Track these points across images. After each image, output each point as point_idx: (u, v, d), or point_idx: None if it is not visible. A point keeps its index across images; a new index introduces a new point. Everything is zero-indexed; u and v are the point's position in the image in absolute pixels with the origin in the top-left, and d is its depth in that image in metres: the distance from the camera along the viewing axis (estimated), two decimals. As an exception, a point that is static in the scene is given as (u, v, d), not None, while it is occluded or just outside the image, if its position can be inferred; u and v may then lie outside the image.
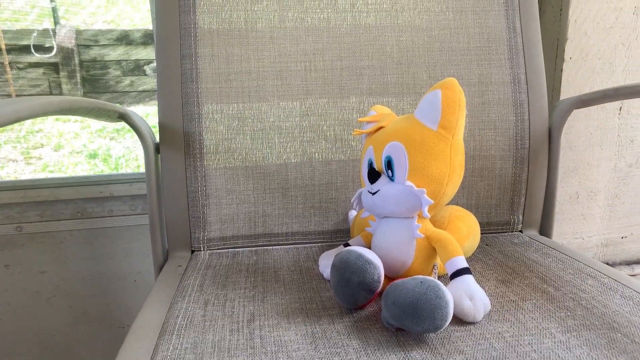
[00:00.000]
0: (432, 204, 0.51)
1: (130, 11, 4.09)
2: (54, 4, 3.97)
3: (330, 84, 0.72)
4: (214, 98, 0.70)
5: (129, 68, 3.99)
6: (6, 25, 3.86)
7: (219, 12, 0.71)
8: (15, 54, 3.72)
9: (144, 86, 3.86)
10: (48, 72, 3.81)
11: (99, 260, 0.93)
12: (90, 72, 3.93)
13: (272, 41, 0.72)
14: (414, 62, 0.73)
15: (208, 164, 0.70)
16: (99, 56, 3.89)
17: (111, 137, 3.08)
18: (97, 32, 4.04)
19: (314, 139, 0.72)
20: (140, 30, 4.09)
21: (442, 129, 0.52)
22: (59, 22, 3.95)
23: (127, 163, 2.74)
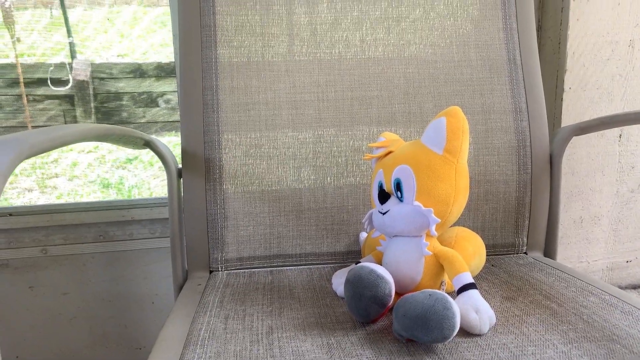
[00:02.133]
0: (439, 222, 0.55)
1: (144, 45, 4.22)
2: (71, 38, 4.11)
3: (342, 113, 0.76)
4: (233, 126, 0.75)
5: (142, 100, 4.10)
6: (24, 59, 3.99)
7: (238, 47, 0.76)
8: (32, 87, 3.84)
9: (158, 118, 3.95)
10: (63, 104, 3.92)
11: (118, 282, 0.96)
12: (104, 104, 4.04)
13: (287, 74, 0.77)
14: (420, 93, 0.78)
15: (227, 188, 0.74)
16: (114, 89, 4.01)
17: (124, 167, 3.15)
18: (111, 65, 4.16)
19: (326, 165, 0.76)
20: (153, 63, 4.21)
21: (447, 153, 0.56)
22: (75, 56, 4.07)
23: (139, 192, 2.80)
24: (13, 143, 0.36)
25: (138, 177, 2.92)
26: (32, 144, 0.37)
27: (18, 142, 0.36)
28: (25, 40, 3.69)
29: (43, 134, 0.40)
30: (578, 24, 0.94)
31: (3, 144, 0.36)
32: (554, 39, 0.97)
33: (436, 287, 0.57)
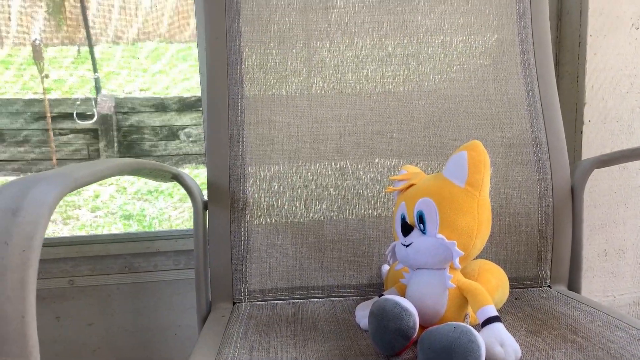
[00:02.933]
0: (462, 255, 0.55)
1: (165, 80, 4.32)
2: (97, 74, 4.23)
3: (363, 147, 0.78)
4: (258, 160, 0.77)
5: (163, 133, 4.17)
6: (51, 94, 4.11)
7: (263, 84, 0.79)
8: (58, 121, 3.94)
9: (178, 150, 4.01)
10: (87, 137, 4.00)
11: (142, 313, 0.98)
12: (128, 138, 4.12)
13: (309, 109, 0.79)
14: (440, 126, 0.79)
15: (251, 220, 0.76)
16: (136, 123, 4.09)
17: (145, 199, 3.20)
18: (134, 99, 4.27)
19: (348, 197, 0.77)
20: (174, 97, 4.30)
21: (469, 186, 0.57)
22: (100, 91, 4.19)
23: (160, 223, 2.83)
24: (58, 177, 0.38)
25: (158, 209, 2.97)
26: (75, 178, 0.39)
27: (63, 177, 0.38)
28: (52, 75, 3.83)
29: (85, 169, 0.42)
30: (596, 58, 0.95)
31: (49, 178, 0.38)
32: (572, 72, 0.98)
33: (460, 319, 0.57)
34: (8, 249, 0.32)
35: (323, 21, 0.80)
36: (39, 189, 0.36)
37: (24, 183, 0.37)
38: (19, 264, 0.32)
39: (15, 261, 0.32)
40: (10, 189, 0.36)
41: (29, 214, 0.34)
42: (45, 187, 0.36)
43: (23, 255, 0.32)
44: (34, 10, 3.88)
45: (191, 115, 3.76)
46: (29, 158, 3.61)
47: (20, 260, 0.32)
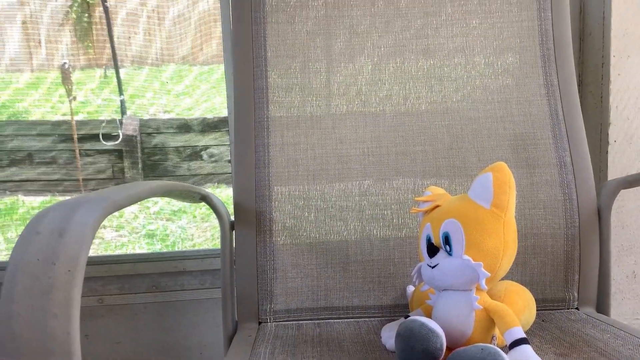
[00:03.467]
0: (489, 276, 0.56)
1: (189, 102, 4.40)
2: (122, 96, 4.33)
3: (387, 167, 0.79)
4: (283, 181, 0.78)
5: (186, 154, 4.23)
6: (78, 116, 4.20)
7: (288, 107, 0.81)
8: (84, 141, 4.03)
9: (200, 170, 4.06)
10: (112, 157, 4.09)
11: (168, 332, 0.99)
12: (151, 158, 4.19)
13: (333, 131, 0.80)
14: (464, 147, 0.80)
15: (276, 241, 0.77)
16: (160, 143, 4.16)
17: (168, 219, 3.24)
18: (159, 121, 4.35)
19: (372, 218, 0.78)
20: (197, 118, 4.37)
21: (494, 207, 0.57)
22: (125, 112, 4.28)
23: (182, 243, 2.87)
24: (99, 201, 0.40)
25: (181, 228, 3.00)
26: (114, 200, 0.41)
27: (103, 200, 0.40)
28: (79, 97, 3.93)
29: (123, 191, 0.44)
30: (620, 79, 0.95)
31: (91, 201, 0.39)
32: (596, 93, 0.98)
33: (487, 341, 0.57)
34: (55, 268, 0.34)
35: (347, 45, 0.82)
36: (82, 211, 0.38)
37: (68, 206, 0.39)
38: (65, 282, 0.34)
39: (62, 280, 0.34)
40: (56, 212, 0.38)
41: (74, 236, 0.36)
42: (88, 210, 0.38)
43: (69, 274, 0.34)
44: (62, 34, 4.01)
45: (213, 135, 3.82)
46: (56, 178, 3.69)
47: (66, 279, 0.34)
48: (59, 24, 4.14)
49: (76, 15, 4.10)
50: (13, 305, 0.33)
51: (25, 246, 0.35)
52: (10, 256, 0.35)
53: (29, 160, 3.69)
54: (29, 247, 0.35)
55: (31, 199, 3.46)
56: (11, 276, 0.34)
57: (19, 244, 0.35)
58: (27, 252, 0.35)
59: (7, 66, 4.05)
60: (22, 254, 0.34)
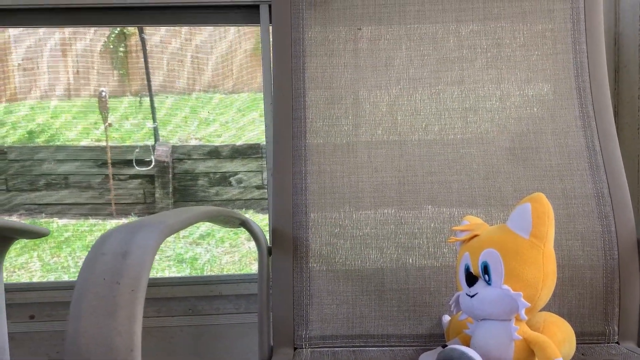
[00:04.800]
0: (528, 307, 0.56)
1: (219, 129, 4.50)
2: (156, 123, 4.45)
3: (422, 196, 0.80)
4: (319, 208, 0.80)
5: (215, 180, 4.31)
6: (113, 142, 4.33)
7: (325, 136, 0.83)
8: (118, 167, 4.14)
9: (229, 196, 4.12)
10: (145, 182, 4.18)
11: (204, 356, 1.00)
12: (182, 183, 4.28)
13: (369, 159, 0.82)
14: (500, 178, 0.80)
15: (312, 267, 0.78)
16: (190, 169, 4.25)
17: (197, 243, 3.28)
18: (190, 147, 4.45)
19: (408, 246, 0.79)
20: (227, 145, 4.46)
21: (533, 238, 0.57)
22: (158, 139, 4.40)
23: (211, 268, 2.90)
24: (157, 225, 0.42)
25: (211, 253, 3.03)
26: (169, 225, 0.44)
27: (160, 224, 0.43)
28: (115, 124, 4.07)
29: (176, 216, 0.46)
30: (656, 110, 0.95)
31: (149, 225, 0.42)
32: (632, 124, 0.98)
33: (528, 373, 0.56)
34: (119, 288, 0.36)
35: (383, 77, 0.85)
36: (143, 234, 0.40)
37: (129, 229, 0.41)
38: (128, 301, 0.36)
39: (126, 299, 0.36)
40: (118, 235, 0.40)
41: (136, 257, 0.38)
42: (148, 233, 0.40)
43: (132, 294, 0.36)
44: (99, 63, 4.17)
45: (242, 162, 3.89)
46: (90, 201, 3.79)
47: (130, 299, 0.36)
48: (96, 53, 4.31)
49: (113, 45, 4.27)
50: (80, 322, 0.35)
51: (92, 266, 0.37)
52: (78, 275, 0.37)
53: (65, 183, 3.80)
54: (95, 267, 0.37)
55: (65, 222, 3.55)
56: (79, 294, 0.36)
57: (86, 264, 0.37)
58: (93, 272, 0.37)
59: (46, 92, 4.22)
60: (89, 273, 0.37)
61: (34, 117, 4.01)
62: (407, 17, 0.85)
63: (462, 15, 0.85)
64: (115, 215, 3.61)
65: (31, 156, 3.71)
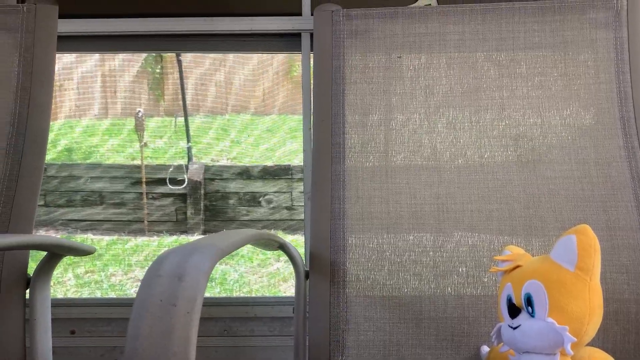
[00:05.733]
0: (575, 341, 0.55)
1: (251, 150, 4.55)
2: (190, 144, 4.54)
3: (462, 224, 0.80)
4: (357, 233, 0.80)
5: (246, 200, 4.35)
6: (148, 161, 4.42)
7: (364, 162, 0.84)
8: (152, 185, 4.23)
9: (259, 216, 4.15)
10: (177, 201, 4.25)
11: (236, 378, 1.00)
12: (213, 203, 4.33)
13: (408, 186, 0.83)
14: (541, 207, 0.79)
15: (350, 292, 0.78)
16: (221, 188, 4.31)
17: (226, 263, 3.31)
18: (222, 167, 4.51)
19: (447, 274, 0.78)
20: (258, 166, 4.51)
21: (579, 270, 0.57)
22: (191, 159, 4.48)
23: (240, 288, 2.91)
24: (209, 248, 0.43)
25: (239, 273, 3.05)
26: (221, 248, 0.45)
27: (213, 247, 0.44)
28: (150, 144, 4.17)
29: (226, 240, 0.48)
30: (703, 141, 0.92)
31: (202, 248, 0.43)
32: (677, 155, 0.96)
33: (574, 410, 0.55)
34: (175, 310, 0.37)
35: (423, 104, 0.85)
36: (197, 257, 0.41)
37: (183, 252, 0.42)
38: (184, 324, 0.37)
39: (181, 321, 0.37)
40: (173, 258, 0.41)
41: (191, 280, 0.39)
42: (202, 257, 0.42)
43: (187, 316, 0.37)
44: (136, 85, 4.30)
45: (272, 183, 3.92)
46: (124, 219, 3.87)
47: (185, 321, 0.37)
48: (134, 75, 4.45)
49: (150, 67, 4.40)
50: (138, 341, 0.36)
51: (149, 288, 0.39)
52: (136, 295, 0.38)
53: (100, 201, 3.90)
54: (152, 289, 0.38)
55: (99, 238, 3.63)
56: (137, 315, 0.37)
57: (144, 285, 0.39)
58: (151, 294, 0.38)
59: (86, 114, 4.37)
60: (146, 295, 0.38)
61: (73, 135, 4.15)
62: (447, 45, 0.86)
63: (503, 44, 0.86)
64: (147, 233, 3.67)
65: (69, 173, 3.82)
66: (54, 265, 0.74)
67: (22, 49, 0.84)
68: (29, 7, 0.85)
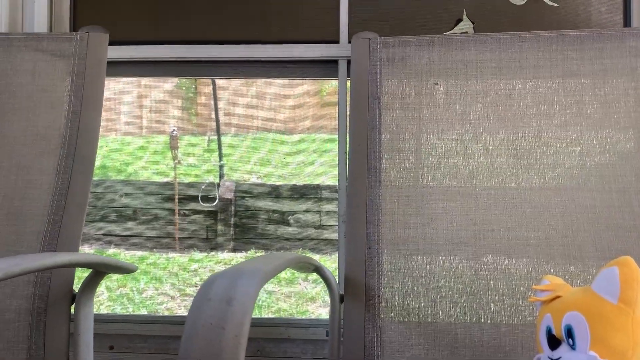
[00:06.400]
0: (618, 376, 0.53)
1: (281, 169, 4.60)
2: (222, 162, 4.62)
3: (498, 252, 0.79)
4: (393, 258, 0.81)
5: (275, 218, 4.38)
6: (181, 178, 4.50)
7: (399, 187, 0.85)
8: (184, 202, 4.29)
9: (287, 235, 4.17)
10: (208, 219, 4.31)
11: (270, 399, 1.01)
12: (242, 220, 4.38)
13: (444, 212, 0.83)
14: (580, 236, 0.78)
15: (384, 317, 0.79)
16: (251, 207, 4.35)
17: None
18: (252, 186, 4.56)
19: (483, 301, 0.77)
20: (287, 184, 4.54)
21: (622, 303, 0.56)
22: (223, 177, 4.55)
23: (268, 307, 2.92)
24: (256, 273, 0.45)
25: (267, 291, 3.07)
26: (266, 272, 0.46)
27: (258, 271, 0.45)
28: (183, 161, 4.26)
29: (269, 264, 0.49)
30: None
31: (248, 273, 0.45)
32: None
33: None
34: (224, 333, 0.38)
35: (459, 131, 0.86)
36: (244, 282, 0.43)
37: (231, 277, 0.44)
38: (232, 347, 0.38)
39: (230, 344, 0.38)
40: (221, 282, 0.43)
41: (239, 304, 0.40)
42: (249, 281, 0.43)
43: (235, 339, 0.38)
44: (170, 104, 4.42)
45: (301, 202, 3.95)
46: (156, 234, 3.95)
47: (234, 344, 0.38)
48: (168, 94, 4.57)
49: (184, 86, 4.52)
50: (189, 363, 0.38)
51: (199, 311, 0.40)
52: (187, 318, 0.40)
53: (134, 217, 3.99)
54: (202, 312, 0.40)
55: (132, 253, 3.71)
56: (188, 336, 0.39)
57: (194, 308, 0.40)
58: (201, 317, 0.40)
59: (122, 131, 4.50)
60: (197, 317, 0.40)
61: (109, 152, 4.27)
62: (484, 72, 0.87)
63: (540, 72, 0.86)
64: (178, 249, 3.74)
65: (104, 189, 3.93)
66: (98, 282, 0.77)
67: (75, 74, 0.88)
68: (82, 35, 0.90)
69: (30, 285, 0.77)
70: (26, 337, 0.75)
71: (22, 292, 0.77)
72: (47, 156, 0.86)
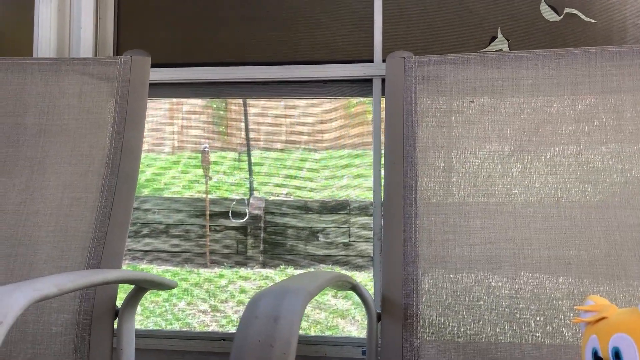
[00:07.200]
0: (671, 402, 0.52)
1: (309, 185, 4.61)
2: (252, 178, 4.67)
3: (539, 271, 0.78)
4: (430, 277, 0.80)
5: (304, 234, 4.39)
6: (211, 194, 4.56)
7: (436, 204, 0.85)
8: (215, 218, 4.34)
9: (316, 251, 4.17)
10: (238, 234, 4.35)
11: (305, 417, 1.00)
12: (272, 236, 4.40)
13: (482, 230, 0.82)
14: (624, 255, 0.77)
15: (422, 337, 0.78)
16: (281, 223, 4.38)
17: (284, 297, 3.32)
18: (281, 201, 4.59)
19: (524, 321, 0.76)
20: (317, 200, 4.55)
21: (672, 326, 0.54)
22: (252, 193, 4.60)
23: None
24: (301, 291, 0.46)
25: (298, 308, 3.07)
26: (310, 291, 0.47)
27: (303, 290, 0.46)
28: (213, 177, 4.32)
29: (313, 282, 0.50)
30: None
31: (294, 290, 0.45)
32: None
33: None
34: (273, 351, 0.39)
35: (496, 148, 0.85)
36: (290, 300, 0.44)
37: (276, 294, 0.45)
38: (281, 365, 0.39)
39: (279, 362, 0.39)
40: (267, 300, 0.44)
41: (286, 321, 0.41)
42: (294, 299, 0.44)
43: (284, 357, 0.39)
44: (201, 121, 4.51)
45: (330, 217, 3.95)
46: (187, 250, 4.01)
47: (282, 362, 0.39)
48: (199, 111, 4.67)
49: (215, 104, 4.61)
50: (238, 380, 0.38)
51: (248, 328, 0.41)
52: (235, 335, 0.41)
53: (165, 232, 4.06)
54: (251, 329, 0.41)
55: (163, 268, 3.76)
56: (237, 352, 0.40)
57: (242, 325, 0.41)
58: (249, 334, 0.41)
59: (152, 147, 4.60)
60: (246, 334, 0.41)
61: (142, 169, 4.38)
62: (520, 90, 0.87)
63: (578, 89, 0.85)
64: (209, 265, 3.78)
65: (138, 205, 4.02)
66: (140, 297, 0.79)
67: (118, 96, 0.92)
68: (125, 58, 0.94)
69: (77, 300, 0.80)
70: (72, 351, 0.78)
71: (69, 306, 0.79)
72: (91, 175, 0.89)
